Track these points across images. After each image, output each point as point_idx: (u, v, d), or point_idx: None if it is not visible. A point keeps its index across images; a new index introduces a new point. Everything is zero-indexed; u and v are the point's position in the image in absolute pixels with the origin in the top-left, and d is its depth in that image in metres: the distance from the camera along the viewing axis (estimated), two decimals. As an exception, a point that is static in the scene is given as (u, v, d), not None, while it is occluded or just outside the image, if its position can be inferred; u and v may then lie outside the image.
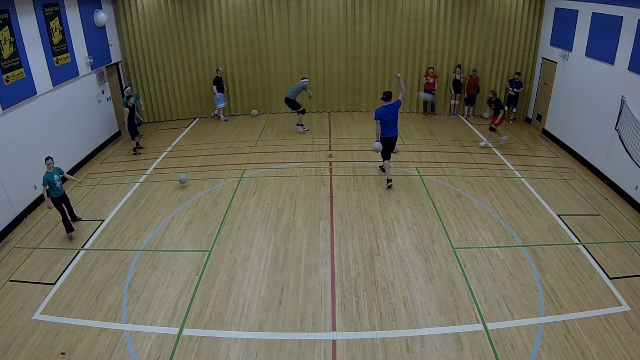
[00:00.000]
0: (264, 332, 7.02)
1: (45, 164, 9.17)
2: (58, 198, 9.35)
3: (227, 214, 10.43)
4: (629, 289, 7.82)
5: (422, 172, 12.39)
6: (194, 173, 12.56)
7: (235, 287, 8.01)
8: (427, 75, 16.83)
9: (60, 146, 12.10)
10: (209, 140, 15.23)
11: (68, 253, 9.14)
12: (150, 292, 7.94)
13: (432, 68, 16.78)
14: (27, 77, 10.80)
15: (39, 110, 11.29)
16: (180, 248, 9.23)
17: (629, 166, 10.83)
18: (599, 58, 12.31)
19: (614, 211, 10.51)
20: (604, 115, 11.91)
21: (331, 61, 17.27)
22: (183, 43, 16.54)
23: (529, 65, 16.51)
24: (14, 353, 6.67)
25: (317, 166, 12.89)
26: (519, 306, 7.46)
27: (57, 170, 9.30)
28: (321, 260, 8.71)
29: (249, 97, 17.76)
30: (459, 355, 6.51)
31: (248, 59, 17.08)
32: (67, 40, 12.63)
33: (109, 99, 15.39)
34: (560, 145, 14.38)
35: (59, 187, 9.29)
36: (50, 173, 9.10)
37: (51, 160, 9.18)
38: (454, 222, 9.98)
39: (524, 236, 9.44)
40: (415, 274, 8.26)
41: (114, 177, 12.63)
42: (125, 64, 16.48)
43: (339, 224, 9.92)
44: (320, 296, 7.76)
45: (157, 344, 6.80)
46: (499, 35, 16.33)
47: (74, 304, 7.68)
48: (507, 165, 12.86)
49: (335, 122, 16.91)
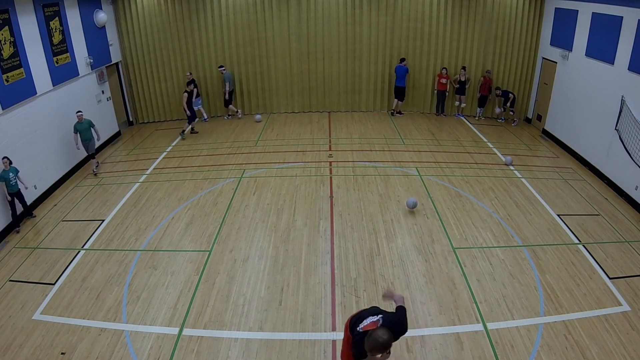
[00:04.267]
0: (264, 332, 7.02)
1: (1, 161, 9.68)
2: (12, 194, 9.86)
3: (227, 214, 10.43)
4: (629, 289, 7.82)
5: (422, 172, 12.39)
6: (194, 173, 12.56)
7: (235, 287, 8.01)
8: (440, 75, 16.80)
9: (61, 146, 12.10)
10: (208, 140, 15.23)
11: (68, 253, 9.14)
12: (150, 292, 7.94)
13: (446, 69, 16.75)
14: (27, 77, 10.80)
15: (39, 110, 11.29)
16: (180, 248, 9.23)
17: (629, 166, 10.84)
18: (599, 58, 12.32)
19: (614, 211, 10.52)
20: (604, 115, 11.92)
21: (331, 61, 17.28)
22: (183, 43, 16.55)
23: (529, 65, 16.51)
24: (14, 353, 6.67)
25: (317, 166, 12.89)
26: (519, 306, 7.46)
27: (13, 169, 9.84)
28: (321, 260, 8.71)
29: (249, 97, 17.76)
30: (458, 355, 6.51)
31: (248, 58, 17.09)
32: (67, 40, 12.63)
33: (109, 99, 15.39)
34: (560, 145, 14.38)
35: (14, 184, 9.82)
36: (5, 171, 9.65)
37: (7, 159, 9.70)
38: (454, 222, 9.98)
39: (524, 236, 9.44)
40: (415, 274, 8.26)
41: (114, 177, 12.63)
42: (125, 64, 16.48)
43: (339, 224, 9.92)
44: (320, 296, 7.76)
45: (157, 344, 6.80)
46: (499, 35, 16.33)
47: (74, 304, 7.67)
48: (507, 166, 12.85)
49: (335, 122, 16.91)
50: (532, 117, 16.70)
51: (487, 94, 16.75)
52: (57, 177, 12.07)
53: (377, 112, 18.01)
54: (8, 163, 9.68)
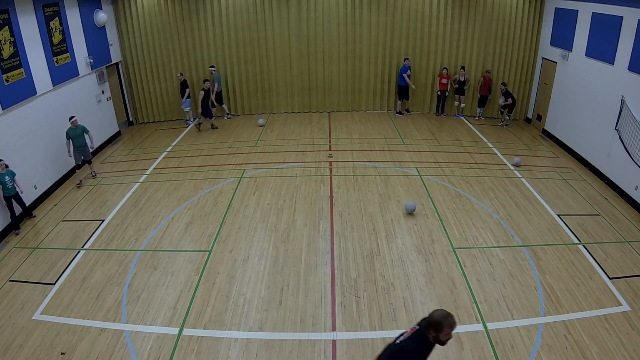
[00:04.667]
0: (264, 332, 7.02)
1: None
2: (9, 197, 9.81)
3: (227, 214, 10.43)
4: (629, 289, 7.82)
5: (422, 172, 12.39)
6: (194, 173, 12.56)
7: (235, 287, 8.01)
8: (441, 76, 16.80)
9: (61, 146, 12.08)
10: (208, 140, 15.23)
11: (68, 253, 9.14)
12: (150, 292, 7.94)
13: (446, 69, 16.76)
14: (27, 77, 10.79)
15: (39, 110, 11.28)
16: (180, 248, 9.23)
17: (629, 166, 10.84)
18: (599, 58, 12.32)
19: (614, 211, 10.51)
20: (604, 115, 11.92)
21: (331, 61, 17.28)
22: (183, 43, 16.55)
23: (529, 65, 16.51)
24: (14, 353, 6.67)
25: (317, 166, 12.89)
26: (519, 306, 7.46)
27: (10, 173, 9.76)
28: (321, 260, 8.71)
29: (249, 97, 17.76)
30: (458, 355, 6.51)
31: (248, 58, 17.08)
32: (67, 40, 12.63)
33: (109, 99, 15.39)
34: (560, 145, 14.38)
35: (11, 188, 9.74)
36: (2, 174, 9.59)
37: (2, 162, 9.61)
38: (454, 222, 9.98)
39: (524, 236, 9.44)
40: (415, 274, 8.26)
41: (114, 177, 12.63)
42: (125, 64, 16.48)
43: (339, 224, 9.92)
44: (320, 296, 7.76)
45: (157, 344, 6.80)
46: (499, 35, 16.33)
47: (74, 304, 7.67)
48: (507, 165, 12.86)
49: (335, 121, 16.91)
50: (532, 117, 16.69)
51: (487, 94, 16.74)
52: (57, 177, 12.07)
53: (377, 112, 18.01)
54: (4, 166, 9.65)
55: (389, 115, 17.63)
